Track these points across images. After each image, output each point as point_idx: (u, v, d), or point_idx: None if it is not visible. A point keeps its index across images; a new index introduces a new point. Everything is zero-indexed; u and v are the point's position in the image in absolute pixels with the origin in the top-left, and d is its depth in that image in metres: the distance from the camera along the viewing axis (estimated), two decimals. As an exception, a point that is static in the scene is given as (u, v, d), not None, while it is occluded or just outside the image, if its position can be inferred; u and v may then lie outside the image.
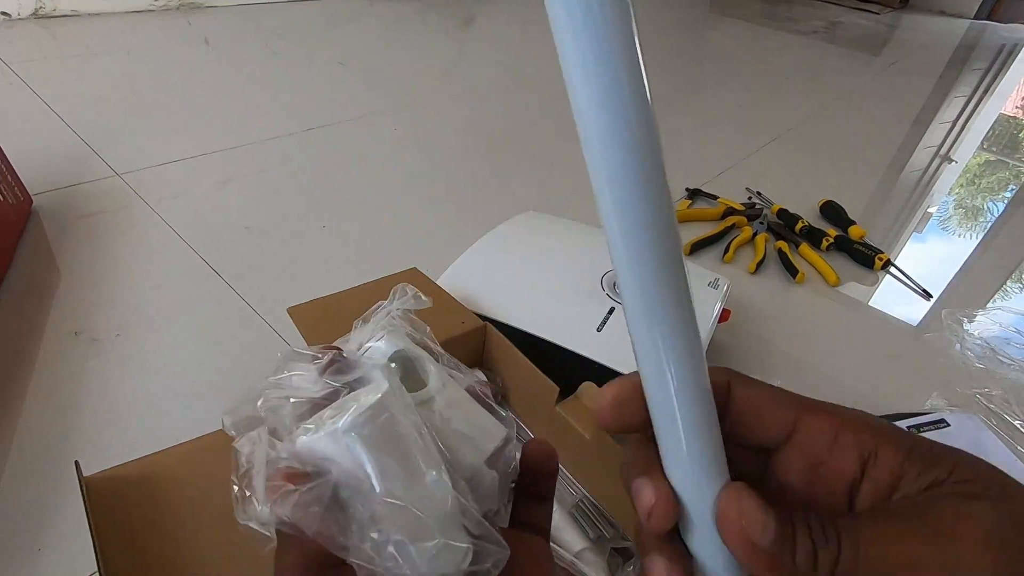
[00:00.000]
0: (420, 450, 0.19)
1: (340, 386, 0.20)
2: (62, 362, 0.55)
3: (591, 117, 0.15)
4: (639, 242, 0.15)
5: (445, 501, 0.18)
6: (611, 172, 0.15)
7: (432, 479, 0.18)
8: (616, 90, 0.14)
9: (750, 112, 1.45)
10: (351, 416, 0.18)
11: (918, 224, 1.07)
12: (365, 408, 0.18)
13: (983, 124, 1.64)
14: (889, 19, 2.80)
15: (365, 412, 0.18)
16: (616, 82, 0.14)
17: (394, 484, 0.18)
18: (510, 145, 1.10)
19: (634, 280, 0.16)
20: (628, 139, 0.15)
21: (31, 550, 0.41)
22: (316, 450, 0.18)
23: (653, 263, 0.16)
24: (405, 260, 0.57)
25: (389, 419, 0.18)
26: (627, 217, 0.15)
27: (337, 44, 1.46)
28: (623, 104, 0.14)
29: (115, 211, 0.76)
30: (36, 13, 1.32)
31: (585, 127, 0.15)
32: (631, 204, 0.15)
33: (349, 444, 0.18)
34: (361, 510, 0.18)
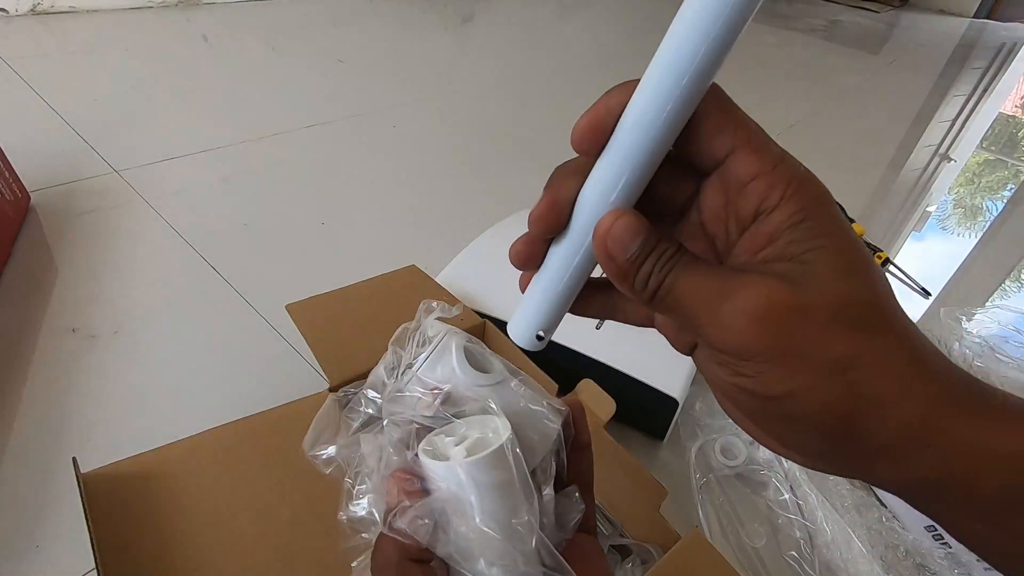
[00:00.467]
0: (518, 494, 0.22)
1: (450, 416, 0.24)
2: (59, 359, 0.55)
3: None
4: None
5: (531, 538, 0.21)
6: None
7: (523, 522, 0.21)
8: None
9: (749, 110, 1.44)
10: (476, 458, 0.21)
11: (917, 223, 1.07)
12: (487, 453, 0.21)
13: (982, 123, 1.64)
14: (889, 17, 2.80)
15: (487, 457, 0.21)
16: None
17: (492, 517, 0.21)
18: (509, 142, 1.10)
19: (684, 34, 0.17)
20: None
21: (29, 547, 0.41)
22: (435, 472, 0.22)
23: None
24: (404, 258, 0.57)
25: (503, 465, 0.21)
26: None
27: (336, 41, 1.46)
28: None
29: (113, 208, 0.76)
30: (34, 9, 1.32)
31: None
32: None
33: (465, 479, 0.21)
34: (459, 530, 0.21)
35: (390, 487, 0.22)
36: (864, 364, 0.16)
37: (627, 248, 0.18)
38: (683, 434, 0.55)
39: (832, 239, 0.17)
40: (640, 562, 0.42)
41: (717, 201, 0.19)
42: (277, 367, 0.57)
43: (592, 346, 0.51)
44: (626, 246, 0.18)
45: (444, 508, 0.21)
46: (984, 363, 0.71)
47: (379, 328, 0.48)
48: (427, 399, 0.24)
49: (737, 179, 0.18)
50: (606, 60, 1.66)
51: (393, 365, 0.26)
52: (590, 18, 2.02)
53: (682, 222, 0.21)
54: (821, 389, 0.16)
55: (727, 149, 0.18)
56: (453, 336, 0.26)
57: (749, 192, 0.18)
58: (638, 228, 0.18)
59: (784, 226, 0.17)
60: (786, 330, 0.16)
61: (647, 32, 1.97)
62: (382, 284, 0.53)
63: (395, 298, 0.51)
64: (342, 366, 0.43)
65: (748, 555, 0.48)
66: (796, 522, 0.50)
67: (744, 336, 0.16)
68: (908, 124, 1.52)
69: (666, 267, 0.18)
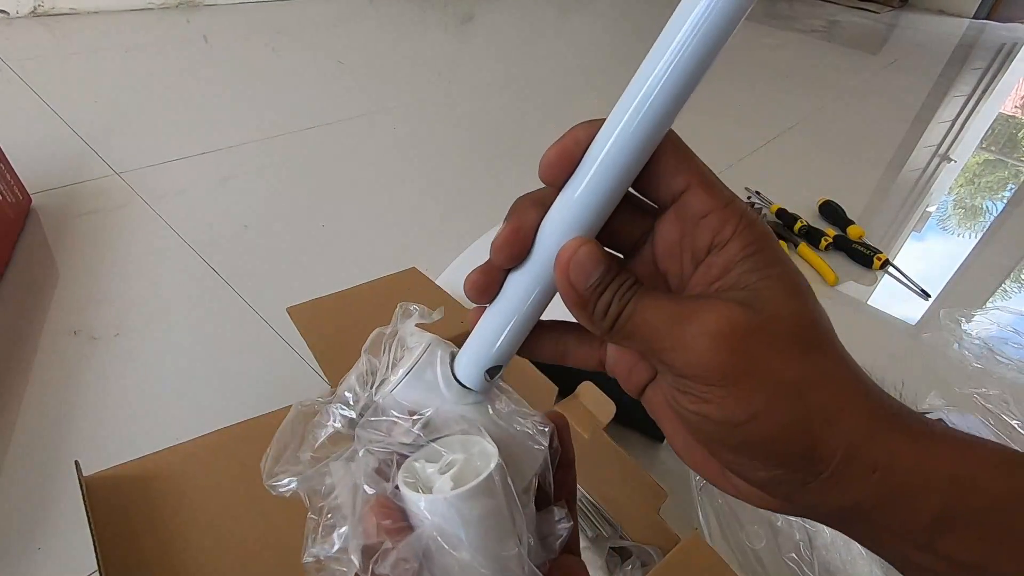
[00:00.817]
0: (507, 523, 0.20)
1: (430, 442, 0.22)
2: (61, 361, 0.55)
3: None
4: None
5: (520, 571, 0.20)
6: None
7: (513, 555, 0.20)
8: None
9: (749, 111, 1.45)
10: (464, 490, 0.19)
11: (917, 223, 1.07)
12: (476, 484, 0.20)
13: (982, 123, 1.64)
14: (888, 18, 2.80)
15: (475, 487, 0.19)
16: None
17: (481, 552, 0.19)
18: (510, 143, 1.10)
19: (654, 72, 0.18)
20: None
21: (31, 549, 0.42)
22: (419, 506, 0.20)
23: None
24: (405, 259, 0.57)
25: (492, 493, 0.20)
26: None
27: (336, 42, 1.46)
28: None
29: (114, 210, 0.76)
30: (35, 11, 1.32)
31: None
32: None
33: (453, 513, 0.19)
34: (446, 564, 0.19)
35: (367, 524, 0.20)
36: (820, 383, 0.17)
37: (589, 276, 0.18)
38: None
39: (780, 268, 0.18)
40: (640, 564, 0.42)
41: (672, 235, 0.20)
42: (278, 369, 0.58)
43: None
44: (589, 274, 0.18)
45: (429, 544, 0.20)
46: (983, 364, 0.71)
47: (380, 330, 0.49)
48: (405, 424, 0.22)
49: (693, 214, 0.19)
50: (606, 60, 1.66)
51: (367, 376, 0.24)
52: (590, 18, 2.02)
53: (634, 259, 0.21)
54: (783, 410, 0.17)
55: (683, 186, 0.19)
56: (437, 348, 0.23)
57: (704, 227, 0.19)
58: (600, 257, 0.18)
59: (737, 258, 0.18)
60: (747, 351, 0.17)
61: (646, 32, 1.97)
62: (383, 286, 0.53)
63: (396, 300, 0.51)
64: (343, 368, 0.44)
65: (748, 557, 0.49)
66: (795, 524, 0.50)
67: (708, 358, 0.17)
68: (908, 124, 1.52)
69: (626, 295, 0.18)
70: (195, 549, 0.32)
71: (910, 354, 0.74)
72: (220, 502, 0.35)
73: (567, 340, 0.23)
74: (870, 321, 0.80)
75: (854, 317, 0.80)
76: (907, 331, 0.79)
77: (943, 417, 0.59)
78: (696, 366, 0.17)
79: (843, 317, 0.79)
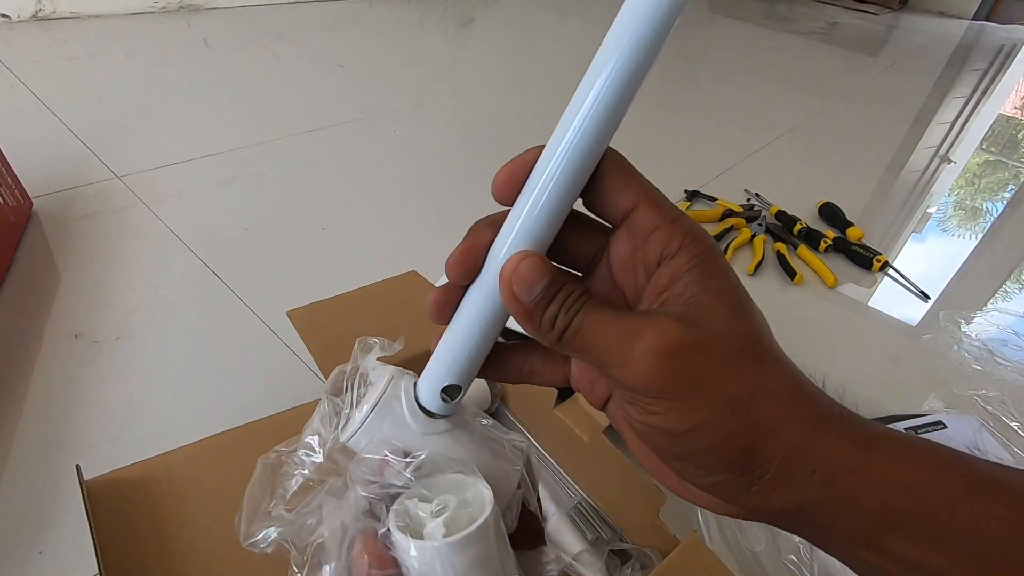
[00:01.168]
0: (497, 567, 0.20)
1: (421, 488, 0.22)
2: (62, 364, 0.55)
3: None
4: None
5: None
6: None
7: None
8: None
9: (749, 113, 1.45)
10: (457, 539, 0.19)
11: (916, 225, 1.07)
12: (470, 532, 0.20)
13: (982, 124, 1.64)
14: (888, 20, 2.81)
15: (469, 536, 0.20)
16: None
17: None
18: (509, 146, 1.10)
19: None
20: None
21: (32, 551, 0.42)
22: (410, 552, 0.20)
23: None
24: (404, 263, 0.57)
25: (484, 540, 0.20)
26: None
27: (337, 46, 1.46)
28: None
29: (115, 213, 0.76)
30: (36, 15, 1.32)
31: None
32: None
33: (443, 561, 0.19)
34: None
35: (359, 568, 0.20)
36: (759, 396, 0.18)
37: (532, 288, 0.19)
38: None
39: (723, 281, 0.19)
40: (639, 567, 0.42)
41: (625, 251, 0.21)
42: (278, 372, 0.58)
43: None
44: (531, 286, 0.19)
45: None
46: (983, 366, 0.71)
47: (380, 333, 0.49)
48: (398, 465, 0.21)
49: (642, 229, 0.20)
50: (606, 63, 1.66)
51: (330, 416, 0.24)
52: (589, 21, 2.02)
53: (592, 276, 0.22)
54: (724, 422, 0.17)
55: (631, 204, 0.20)
56: (400, 379, 0.23)
57: (653, 240, 0.20)
58: (543, 270, 0.19)
59: (683, 269, 0.19)
60: (690, 367, 0.18)
61: (647, 35, 1.97)
62: (382, 289, 0.53)
63: (396, 303, 0.52)
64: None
65: (747, 559, 0.49)
66: (795, 526, 0.50)
67: (652, 374, 0.18)
68: (907, 126, 1.52)
69: (573, 308, 0.19)
70: (195, 552, 0.32)
71: (910, 356, 0.74)
72: (221, 505, 0.35)
73: (532, 359, 0.23)
74: (870, 323, 0.80)
75: (854, 319, 0.80)
76: (907, 333, 0.79)
77: (942, 419, 0.59)
78: (641, 380, 0.18)
79: (843, 319, 0.79)
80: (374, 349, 0.24)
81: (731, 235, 0.91)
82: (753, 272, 0.83)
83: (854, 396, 0.65)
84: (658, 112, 1.40)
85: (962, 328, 0.78)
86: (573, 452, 0.47)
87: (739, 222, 0.93)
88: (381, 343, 0.24)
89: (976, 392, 0.67)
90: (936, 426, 0.58)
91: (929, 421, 0.58)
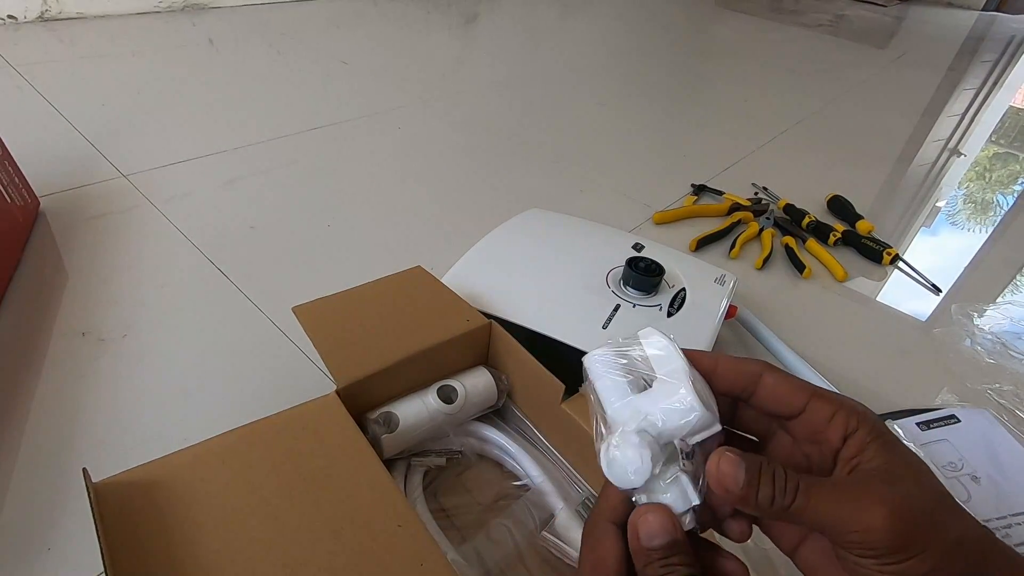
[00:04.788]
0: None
1: None
2: (70, 362, 0.55)
3: None
4: None
5: None
6: None
7: None
8: None
9: (756, 106, 1.44)
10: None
11: (927, 218, 1.06)
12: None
13: (992, 117, 1.62)
14: (896, 11, 2.78)
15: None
16: None
17: None
18: (514, 142, 1.10)
19: None
20: None
21: (41, 549, 0.42)
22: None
23: None
24: (410, 258, 0.57)
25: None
26: None
27: (341, 43, 1.46)
28: None
29: (121, 212, 0.76)
30: (42, 16, 1.33)
31: None
32: None
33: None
34: None
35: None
36: (968, 538, 0.22)
37: (738, 480, 0.24)
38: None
39: (902, 447, 0.24)
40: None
41: (805, 431, 0.27)
42: (284, 369, 0.58)
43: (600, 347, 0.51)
44: (736, 479, 0.24)
45: None
46: (996, 359, 0.70)
47: (385, 329, 0.49)
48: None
49: (821, 417, 0.26)
50: (610, 59, 1.65)
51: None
52: (594, 17, 2.01)
53: (771, 444, 0.29)
54: (953, 563, 0.22)
55: (803, 401, 0.26)
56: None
57: (834, 425, 0.25)
58: (740, 462, 0.24)
59: (866, 441, 0.24)
60: (919, 523, 0.22)
61: (651, 31, 1.96)
62: (388, 285, 0.53)
63: (401, 298, 0.51)
64: (348, 368, 0.44)
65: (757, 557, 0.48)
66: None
67: (892, 535, 0.22)
68: (917, 118, 1.50)
69: (790, 487, 0.24)
70: (202, 552, 0.32)
71: (921, 349, 0.73)
72: (227, 505, 0.35)
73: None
74: (880, 317, 0.79)
75: (864, 313, 0.79)
76: (918, 326, 0.78)
77: (955, 413, 0.58)
78: (883, 542, 0.22)
79: (853, 313, 0.78)
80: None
81: (739, 229, 0.90)
82: (761, 266, 0.82)
83: (865, 391, 0.65)
84: (665, 106, 1.39)
85: (974, 321, 0.77)
86: (581, 447, 0.47)
87: (747, 216, 0.92)
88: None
89: (989, 386, 0.66)
90: (949, 420, 0.57)
91: (942, 415, 0.58)
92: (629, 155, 1.13)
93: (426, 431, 0.46)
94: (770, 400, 0.27)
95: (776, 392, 0.27)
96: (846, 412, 0.25)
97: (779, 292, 0.79)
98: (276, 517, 0.34)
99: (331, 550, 0.33)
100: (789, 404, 0.26)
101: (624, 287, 0.58)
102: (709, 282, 0.62)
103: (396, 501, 0.36)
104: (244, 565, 0.32)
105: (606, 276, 0.59)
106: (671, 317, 0.55)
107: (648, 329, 0.28)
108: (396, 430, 0.44)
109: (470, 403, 0.48)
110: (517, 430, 0.51)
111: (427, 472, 0.47)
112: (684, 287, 0.59)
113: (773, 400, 0.27)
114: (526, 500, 0.46)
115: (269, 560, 0.32)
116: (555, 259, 0.62)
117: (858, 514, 0.22)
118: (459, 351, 0.50)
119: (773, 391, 0.27)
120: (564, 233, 0.68)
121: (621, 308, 0.55)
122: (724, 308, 0.59)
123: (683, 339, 0.53)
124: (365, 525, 0.35)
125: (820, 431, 0.26)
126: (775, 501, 0.23)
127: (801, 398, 0.26)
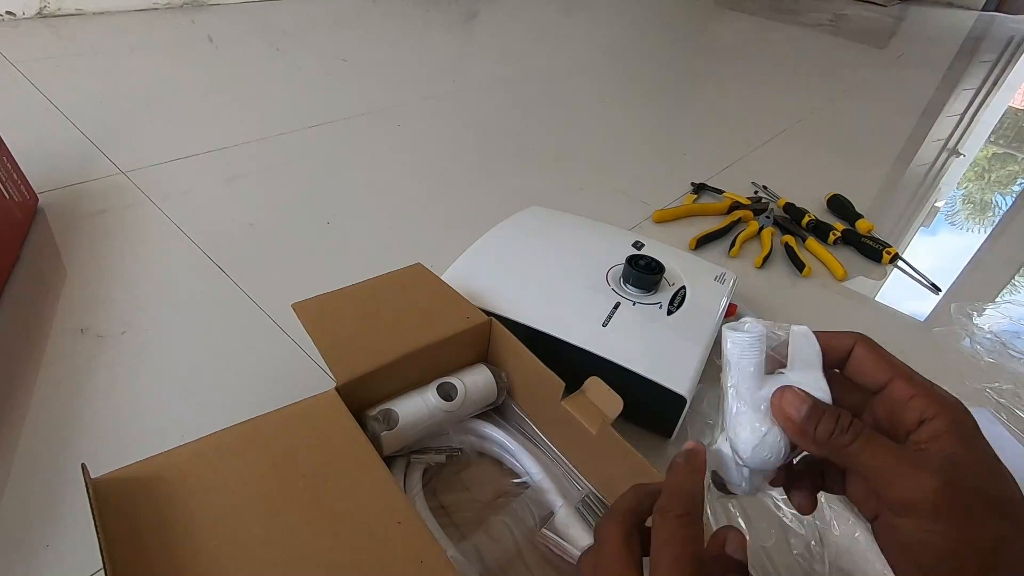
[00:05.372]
0: None
1: None
2: (68, 359, 0.55)
3: None
4: None
5: None
6: None
7: None
8: None
9: (756, 105, 1.44)
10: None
11: (926, 218, 1.06)
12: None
13: (992, 117, 1.63)
14: (896, 11, 2.78)
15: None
16: None
17: None
18: (514, 140, 1.10)
19: None
20: None
21: (40, 545, 0.42)
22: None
23: None
24: (410, 256, 0.57)
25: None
26: None
27: (340, 41, 1.46)
28: None
29: (120, 209, 0.76)
30: (41, 12, 1.32)
31: None
32: None
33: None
34: None
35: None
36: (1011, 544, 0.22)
37: (800, 409, 0.26)
38: (691, 432, 0.55)
39: (977, 442, 0.24)
40: (649, 560, 0.42)
41: (883, 411, 0.27)
42: (283, 366, 0.57)
43: (600, 344, 0.51)
44: (798, 408, 0.26)
45: None
46: (995, 359, 0.70)
47: (385, 326, 0.48)
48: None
49: (900, 397, 0.26)
50: (611, 57, 1.65)
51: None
52: (594, 15, 2.01)
53: (863, 414, 0.29)
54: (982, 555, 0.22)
55: (887, 377, 0.27)
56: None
57: (912, 407, 0.26)
58: (803, 397, 0.27)
59: (942, 430, 0.24)
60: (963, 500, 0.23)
61: (651, 29, 1.96)
62: (388, 282, 0.53)
63: (401, 295, 0.51)
64: (348, 364, 0.43)
65: (757, 554, 0.48)
66: (806, 522, 0.50)
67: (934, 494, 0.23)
68: (916, 118, 1.50)
69: (851, 430, 0.25)
70: (202, 549, 0.32)
71: (920, 348, 0.73)
72: (226, 501, 0.34)
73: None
74: (880, 316, 0.79)
75: (864, 312, 0.79)
76: (917, 325, 0.78)
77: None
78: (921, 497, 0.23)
79: (852, 312, 0.78)
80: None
81: (738, 228, 0.90)
82: (761, 265, 0.82)
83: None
84: (665, 104, 1.39)
85: (974, 320, 0.77)
86: (580, 445, 0.47)
87: (747, 214, 0.92)
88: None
89: (989, 385, 0.66)
90: (948, 419, 0.57)
91: (941, 414, 0.58)
92: (629, 153, 1.13)
93: (426, 428, 0.46)
94: (856, 371, 0.28)
95: (863, 363, 0.27)
96: (926, 398, 0.25)
97: (779, 291, 0.79)
98: (275, 513, 0.34)
99: (330, 547, 0.33)
100: (872, 377, 0.27)
101: (624, 285, 0.58)
102: (709, 280, 0.62)
103: (395, 498, 0.36)
104: (243, 561, 0.32)
105: (606, 274, 0.59)
106: (671, 315, 0.55)
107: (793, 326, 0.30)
108: (396, 427, 0.44)
109: (470, 400, 0.48)
110: (517, 427, 0.51)
111: (427, 469, 0.47)
112: (684, 285, 0.59)
113: (859, 371, 0.28)
114: (525, 498, 0.46)
115: (268, 556, 0.32)
116: (555, 257, 0.62)
117: (905, 469, 0.23)
118: (459, 348, 0.50)
119: (860, 362, 0.28)
120: (564, 231, 0.68)
121: (621, 306, 0.55)
122: (724, 306, 0.59)
123: (682, 337, 0.53)
124: (364, 522, 0.34)
125: (897, 411, 0.26)
126: (834, 436, 0.25)
127: (884, 374, 0.27)
